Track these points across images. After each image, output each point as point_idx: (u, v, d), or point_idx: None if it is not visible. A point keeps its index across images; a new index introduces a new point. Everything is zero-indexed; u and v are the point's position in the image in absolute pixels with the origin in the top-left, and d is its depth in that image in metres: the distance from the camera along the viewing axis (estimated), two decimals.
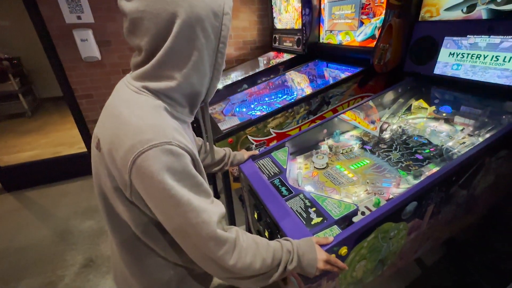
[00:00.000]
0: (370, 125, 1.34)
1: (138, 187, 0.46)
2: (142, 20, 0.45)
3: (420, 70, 1.34)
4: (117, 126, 0.47)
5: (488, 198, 1.16)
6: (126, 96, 0.50)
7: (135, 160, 0.43)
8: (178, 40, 0.46)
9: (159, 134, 0.45)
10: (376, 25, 1.51)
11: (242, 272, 0.51)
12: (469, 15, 1.10)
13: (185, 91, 0.52)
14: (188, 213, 0.46)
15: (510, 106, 1.07)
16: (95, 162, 0.53)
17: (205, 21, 0.47)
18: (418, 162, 1.06)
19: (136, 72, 0.51)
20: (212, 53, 0.52)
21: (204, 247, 0.48)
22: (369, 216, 0.72)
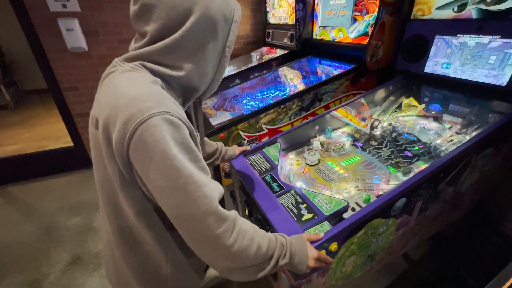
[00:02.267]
0: (361, 122, 1.35)
1: (136, 160, 0.43)
2: (154, 8, 0.45)
3: (411, 68, 1.35)
4: (113, 99, 0.45)
5: (473, 195, 1.19)
6: (121, 72, 0.49)
7: (135, 130, 0.41)
8: (187, 35, 0.47)
9: (160, 103, 0.43)
10: (369, 22, 1.51)
11: (237, 257, 0.50)
12: (460, 14, 1.11)
13: (183, 83, 0.53)
14: (189, 186, 0.44)
15: (496, 105, 1.09)
16: (94, 144, 0.51)
17: (217, 23, 0.50)
18: (408, 159, 1.07)
19: (131, 53, 0.50)
20: (217, 55, 0.54)
21: (202, 224, 0.46)
22: (359, 212, 0.72)
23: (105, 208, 0.55)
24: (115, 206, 0.53)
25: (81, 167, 2.68)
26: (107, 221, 0.56)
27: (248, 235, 0.52)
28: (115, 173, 0.48)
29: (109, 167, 0.48)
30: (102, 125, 0.45)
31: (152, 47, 0.48)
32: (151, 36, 0.48)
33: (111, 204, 0.54)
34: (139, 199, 0.51)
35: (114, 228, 0.56)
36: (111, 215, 0.54)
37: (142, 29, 0.49)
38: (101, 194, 0.55)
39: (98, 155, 0.50)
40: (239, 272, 0.53)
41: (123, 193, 0.50)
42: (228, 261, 0.51)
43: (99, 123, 0.46)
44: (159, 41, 0.48)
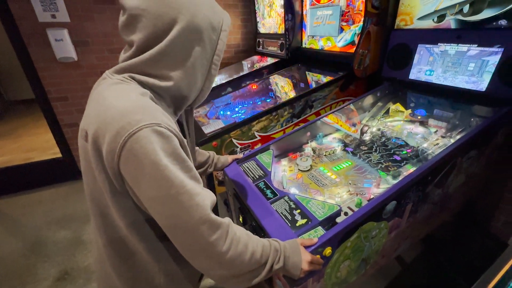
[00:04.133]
0: (351, 127, 1.38)
1: (127, 171, 0.44)
2: (141, 17, 0.46)
3: (397, 75, 1.40)
4: (102, 111, 0.45)
5: (460, 196, 1.23)
6: (110, 85, 0.49)
7: (125, 143, 0.41)
8: (173, 44, 0.48)
9: (148, 115, 0.44)
10: (355, 31, 1.57)
11: (232, 264, 0.50)
12: (440, 24, 1.17)
13: (172, 92, 0.53)
14: (181, 196, 0.44)
15: (477, 109, 1.15)
16: (84, 156, 0.51)
17: (203, 32, 0.51)
18: (396, 163, 1.10)
19: (121, 65, 0.51)
20: (206, 63, 0.55)
21: (196, 232, 0.46)
22: (352, 216, 0.73)
23: (95, 220, 0.54)
24: (106, 218, 0.53)
25: (70, 179, 2.61)
26: (98, 233, 0.55)
27: (241, 242, 0.52)
28: (105, 184, 0.48)
29: (100, 178, 0.48)
30: (91, 137, 0.45)
31: (139, 58, 0.49)
32: (137, 45, 0.48)
33: (102, 215, 0.53)
34: (130, 210, 0.51)
35: (105, 240, 0.55)
36: (102, 226, 0.54)
37: (129, 39, 0.49)
38: (92, 206, 0.54)
39: (88, 167, 0.50)
40: (234, 279, 0.53)
41: (114, 204, 0.50)
42: (223, 269, 0.51)
43: (88, 135, 0.46)
44: (146, 51, 0.49)
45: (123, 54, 0.52)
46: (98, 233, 0.55)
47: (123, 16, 0.49)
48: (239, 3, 2.75)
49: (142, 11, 0.46)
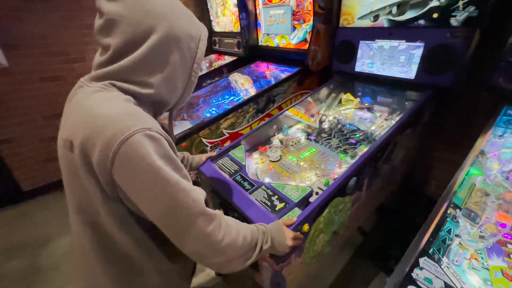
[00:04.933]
0: (310, 118, 1.52)
1: (122, 177, 0.45)
2: (119, 23, 0.47)
3: (345, 68, 1.58)
4: (90, 120, 0.45)
5: (402, 168, 1.46)
6: (91, 93, 0.49)
7: (118, 149, 0.42)
8: (151, 51, 0.50)
9: (138, 120, 0.46)
10: (306, 30, 1.71)
11: (227, 250, 0.54)
12: (375, 23, 1.36)
13: (153, 99, 0.54)
14: (178, 193, 0.47)
15: (409, 94, 1.38)
16: (68, 167, 0.49)
17: (181, 41, 0.53)
18: (352, 145, 1.27)
19: (98, 72, 0.51)
20: (186, 71, 0.57)
21: (193, 226, 0.49)
22: (322, 194, 0.84)
23: (84, 231, 0.53)
24: (97, 227, 0.53)
25: (12, 202, 2.28)
26: (88, 245, 0.54)
27: (233, 229, 0.57)
28: (96, 192, 0.48)
29: (90, 187, 0.48)
30: (79, 147, 0.45)
31: (118, 65, 0.49)
32: (114, 49, 0.49)
33: (93, 225, 0.53)
34: (123, 215, 0.52)
35: (97, 249, 0.54)
36: (93, 236, 0.53)
37: (105, 42, 0.50)
38: (79, 217, 0.53)
39: (73, 177, 0.49)
40: (228, 264, 0.58)
41: (106, 211, 0.50)
42: (219, 256, 0.55)
43: (75, 145, 0.46)
44: (123, 56, 0.49)
45: (99, 57, 0.52)
46: (89, 245, 0.54)
47: (100, 20, 0.49)
48: (190, 1, 2.71)
49: (121, 17, 0.47)
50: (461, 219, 0.73)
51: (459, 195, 0.77)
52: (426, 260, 0.62)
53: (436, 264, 0.61)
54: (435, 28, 1.15)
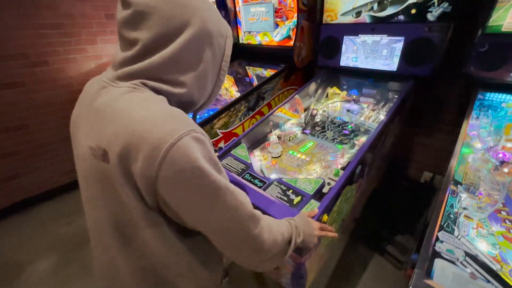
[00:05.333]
0: (295, 114, 1.55)
1: (169, 184, 0.41)
2: (150, 15, 0.43)
3: (330, 63, 1.64)
4: (128, 125, 0.41)
5: (390, 154, 1.57)
6: (121, 94, 0.44)
7: (166, 154, 0.39)
8: (185, 47, 0.46)
9: (183, 122, 0.42)
10: (290, 26, 1.74)
11: (270, 249, 0.53)
12: (358, 19, 1.44)
13: (183, 99, 0.51)
14: (228, 197, 0.45)
15: (392, 85, 1.48)
16: (99, 179, 0.44)
17: (213, 37, 0.50)
18: (347, 136, 1.33)
19: (125, 70, 0.46)
20: (216, 69, 0.54)
21: (244, 228, 0.48)
22: (337, 184, 0.87)
23: (122, 246, 0.49)
24: (136, 239, 0.48)
25: None
26: (125, 260, 0.50)
27: (274, 228, 0.57)
28: (136, 203, 0.44)
29: (128, 198, 0.43)
30: (117, 156, 0.41)
31: (149, 62, 0.45)
32: (144, 44, 0.45)
33: (132, 237, 0.48)
34: (163, 224, 0.49)
35: (132, 264, 0.50)
36: (132, 250, 0.49)
37: (131, 36, 0.45)
38: (115, 232, 0.48)
39: (107, 189, 0.44)
40: (268, 261, 0.57)
41: (146, 221, 0.46)
42: (262, 255, 0.54)
43: (110, 155, 0.41)
44: (154, 52, 0.45)
45: (122, 52, 0.47)
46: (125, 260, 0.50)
47: (126, 11, 0.44)
48: None
49: (153, 9, 0.43)
50: (463, 193, 0.80)
51: (459, 173, 0.86)
52: (444, 234, 0.68)
53: (453, 236, 0.67)
54: (414, 23, 1.25)
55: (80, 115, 0.50)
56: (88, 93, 0.51)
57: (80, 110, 0.51)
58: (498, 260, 0.64)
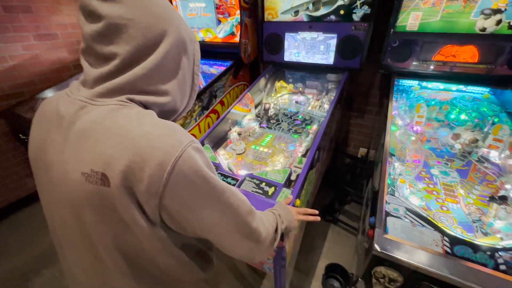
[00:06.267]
0: (251, 108, 1.62)
1: (176, 196, 0.41)
2: (126, 28, 0.41)
3: (275, 58, 1.75)
4: (130, 144, 0.39)
5: (334, 137, 1.80)
6: (109, 112, 0.42)
7: (173, 168, 0.39)
8: (165, 57, 0.46)
9: (182, 134, 0.43)
10: (233, 23, 1.76)
11: (265, 240, 0.58)
12: (296, 18, 1.57)
13: (167, 107, 0.51)
14: (231, 198, 0.48)
15: (330, 76, 1.68)
16: (99, 203, 0.41)
17: (187, 44, 0.51)
18: (300, 125, 1.46)
19: (106, 85, 0.43)
20: (190, 74, 0.55)
21: (246, 223, 0.52)
22: (302, 171, 0.98)
23: (122, 265, 0.47)
24: (138, 256, 0.47)
25: None
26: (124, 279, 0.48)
27: (265, 220, 0.62)
28: (139, 221, 0.42)
29: (130, 217, 0.42)
30: (119, 178, 0.39)
31: (131, 75, 0.43)
32: (123, 58, 0.43)
33: (133, 256, 0.47)
34: (165, 237, 0.48)
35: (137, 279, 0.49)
36: (133, 267, 0.48)
37: (106, 51, 0.42)
38: (115, 252, 0.46)
39: (106, 213, 0.42)
40: (263, 253, 0.63)
41: (149, 237, 0.45)
42: (260, 246, 0.59)
43: (111, 178, 0.39)
44: (135, 64, 0.44)
45: (95, 68, 0.43)
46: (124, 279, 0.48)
47: (97, 24, 0.41)
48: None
49: (128, 21, 0.41)
50: (397, 163, 1.02)
51: (392, 146, 1.07)
52: (389, 196, 0.86)
53: (395, 197, 0.86)
54: (343, 22, 1.45)
55: (54, 140, 0.44)
56: (55, 114, 0.45)
57: (50, 134, 0.45)
58: (425, 209, 0.85)
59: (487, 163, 1.03)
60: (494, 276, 0.61)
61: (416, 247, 0.68)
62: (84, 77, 0.45)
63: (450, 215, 0.84)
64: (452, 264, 0.64)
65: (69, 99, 0.45)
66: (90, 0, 0.41)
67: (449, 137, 1.20)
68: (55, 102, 0.47)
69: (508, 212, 0.80)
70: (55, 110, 0.46)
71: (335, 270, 1.10)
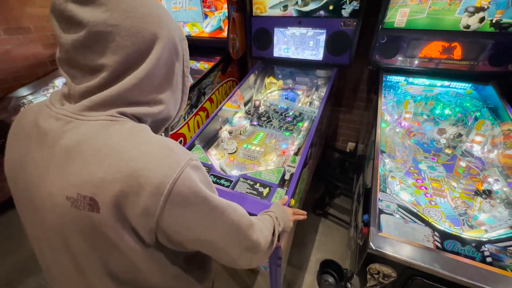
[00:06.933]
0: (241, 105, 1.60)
1: (174, 218, 0.39)
2: (113, 36, 0.37)
3: (264, 54, 1.73)
4: (125, 166, 0.36)
5: (324, 133, 1.82)
6: (100, 130, 0.38)
7: (171, 190, 0.37)
8: (158, 63, 0.42)
9: (180, 153, 0.40)
10: (220, 17, 1.71)
11: (264, 248, 0.58)
12: (285, 12, 1.54)
13: (161, 116, 0.47)
14: (232, 215, 0.47)
15: (319, 72, 1.68)
16: (90, 229, 0.38)
17: (177, 45, 0.47)
18: (291, 123, 1.46)
19: (94, 98, 0.39)
20: (181, 77, 0.51)
21: (246, 238, 0.51)
22: (296, 170, 0.98)
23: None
24: (132, 279, 0.45)
25: None
26: None
27: (261, 227, 0.61)
28: (135, 245, 0.40)
29: (123, 242, 0.39)
30: (111, 203, 0.36)
31: (122, 86, 0.40)
32: (113, 69, 0.39)
33: (128, 281, 0.45)
34: (161, 258, 0.47)
35: None
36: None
37: (92, 63, 0.38)
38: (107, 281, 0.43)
39: (95, 241, 0.39)
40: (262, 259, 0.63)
41: (145, 260, 0.43)
42: (259, 254, 0.59)
43: (101, 203, 0.36)
44: (125, 74, 0.40)
45: (81, 84, 0.39)
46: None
47: (77, 33, 0.36)
48: None
49: (114, 28, 0.37)
50: (387, 159, 1.04)
51: (382, 143, 1.09)
52: (382, 194, 0.88)
53: (387, 194, 0.88)
54: (332, 18, 1.44)
55: (35, 159, 0.41)
56: (34, 129, 0.41)
57: (30, 153, 0.41)
58: (415, 204, 0.88)
59: (471, 157, 1.08)
60: (481, 268, 0.64)
61: (409, 244, 0.70)
62: (68, 91, 0.41)
63: (438, 210, 0.87)
64: (442, 259, 0.67)
65: (51, 113, 0.41)
66: (66, 4, 0.36)
67: (435, 131, 1.24)
68: (33, 116, 0.43)
69: (492, 205, 0.84)
70: (34, 124, 0.42)
71: (329, 266, 1.12)
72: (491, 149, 1.07)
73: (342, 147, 2.21)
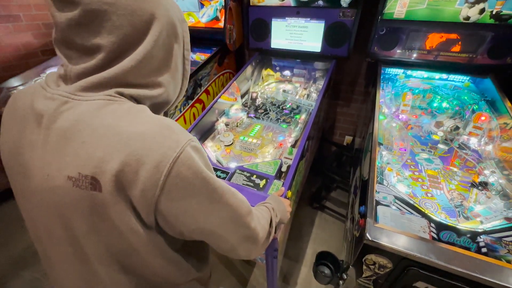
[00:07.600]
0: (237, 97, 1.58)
1: (174, 199, 0.38)
2: (109, 15, 0.36)
3: (262, 45, 1.70)
4: (123, 145, 0.35)
5: (321, 126, 1.81)
6: (98, 110, 0.37)
7: (170, 170, 0.36)
8: (156, 44, 0.41)
9: (180, 132, 0.39)
10: (216, 7, 1.67)
11: (262, 237, 0.57)
12: (284, 2, 1.51)
13: (160, 99, 0.46)
14: (231, 199, 0.46)
15: (318, 64, 1.66)
16: (90, 210, 0.37)
17: (177, 27, 0.45)
18: (288, 115, 1.45)
19: (92, 79, 0.38)
20: (181, 60, 0.50)
21: (245, 225, 0.50)
22: (293, 162, 0.97)
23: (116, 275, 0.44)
24: (133, 264, 0.45)
25: None
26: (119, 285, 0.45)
27: (259, 217, 0.60)
28: (137, 227, 0.40)
29: (124, 224, 0.39)
30: (112, 181, 0.35)
31: (120, 67, 0.39)
32: (109, 50, 0.38)
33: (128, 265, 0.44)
34: (161, 242, 0.46)
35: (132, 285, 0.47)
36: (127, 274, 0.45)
37: (88, 43, 0.37)
38: (107, 263, 0.43)
39: (98, 222, 0.38)
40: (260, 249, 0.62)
41: (145, 243, 0.42)
42: (257, 244, 0.58)
43: (102, 182, 0.35)
44: (123, 56, 0.39)
45: (77, 62, 0.38)
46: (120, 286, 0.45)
47: (72, 12, 0.35)
48: None
49: (109, 6, 0.35)
50: (384, 152, 1.03)
51: (380, 136, 1.08)
52: (378, 185, 0.87)
53: (384, 186, 0.87)
54: (331, 8, 1.41)
55: (32, 141, 0.39)
56: (30, 111, 0.40)
57: (26, 135, 0.40)
58: (412, 196, 0.88)
59: (467, 150, 1.08)
60: (476, 259, 0.64)
61: (405, 235, 0.70)
62: (65, 72, 0.40)
63: (434, 201, 0.87)
64: (438, 250, 0.67)
65: (47, 94, 0.40)
66: None
67: (432, 124, 1.24)
68: (29, 97, 0.42)
69: (487, 197, 0.85)
70: (30, 106, 0.40)
71: (325, 257, 1.13)
72: (488, 142, 1.07)
73: (339, 141, 2.20)
